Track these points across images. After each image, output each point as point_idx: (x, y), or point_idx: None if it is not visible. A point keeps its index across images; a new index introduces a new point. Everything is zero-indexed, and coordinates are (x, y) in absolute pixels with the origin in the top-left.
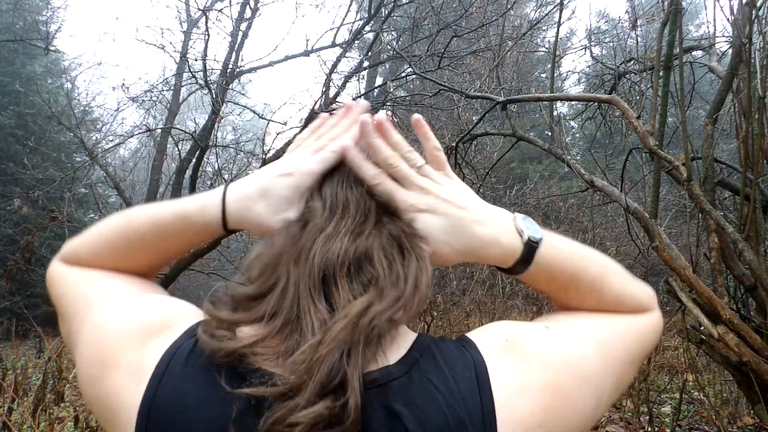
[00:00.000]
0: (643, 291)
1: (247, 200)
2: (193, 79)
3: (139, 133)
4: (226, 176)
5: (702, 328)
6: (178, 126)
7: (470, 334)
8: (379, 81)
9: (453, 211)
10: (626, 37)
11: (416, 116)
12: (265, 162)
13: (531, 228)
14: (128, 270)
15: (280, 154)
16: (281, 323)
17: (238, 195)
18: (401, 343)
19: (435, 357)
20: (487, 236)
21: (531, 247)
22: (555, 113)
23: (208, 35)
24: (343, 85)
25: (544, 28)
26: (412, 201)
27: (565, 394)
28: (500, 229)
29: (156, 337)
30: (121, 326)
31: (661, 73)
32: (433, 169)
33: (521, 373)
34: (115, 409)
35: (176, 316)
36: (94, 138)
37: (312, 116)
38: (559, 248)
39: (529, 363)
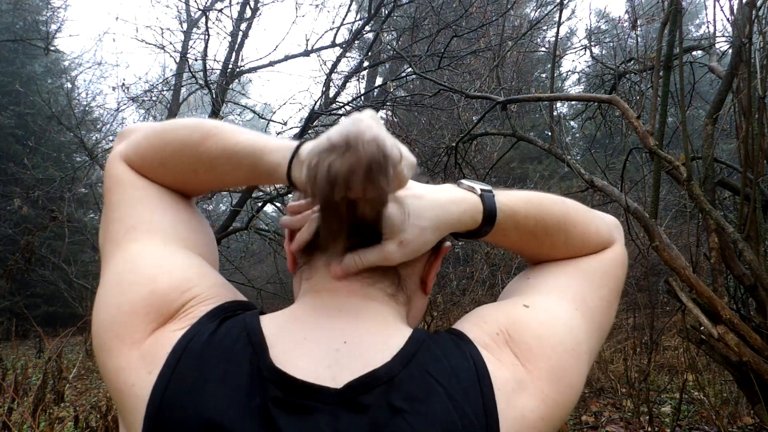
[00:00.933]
0: (605, 226)
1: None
2: (193, 79)
3: None
4: None
5: (702, 328)
6: None
7: (461, 327)
8: (379, 81)
9: (403, 193)
10: (626, 37)
11: None
12: None
13: (478, 183)
14: (186, 189)
15: None
16: None
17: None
18: (397, 339)
19: (432, 350)
20: (446, 199)
21: (488, 196)
22: (555, 113)
23: (208, 35)
24: (343, 85)
25: (544, 28)
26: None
27: (562, 377)
28: (454, 190)
29: (172, 319)
30: (139, 298)
31: (661, 73)
32: None
33: (517, 369)
34: (122, 391)
35: (199, 296)
36: (94, 138)
37: (312, 116)
38: (514, 194)
39: (523, 356)
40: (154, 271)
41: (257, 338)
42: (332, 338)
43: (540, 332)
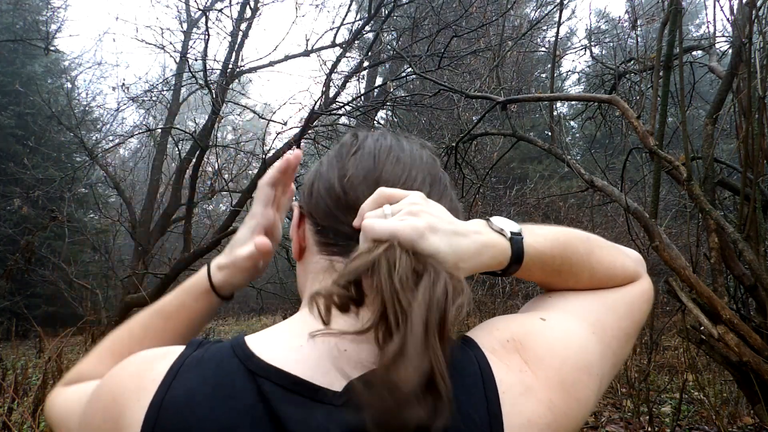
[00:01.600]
0: (630, 261)
1: (223, 254)
2: (193, 79)
3: (139, 133)
4: (226, 176)
5: (702, 328)
6: (178, 126)
7: (470, 333)
8: (379, 81)
9: (452, 228)
10: (626, 37)
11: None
12: (265, 162)
13: (507, 224)
14: None
15: (280, 154)
16: None
17: (219, 257)
18: None
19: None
20: (481, 244)
21: (516, 240)
22: (555, 113)
23: (208, 35)
24: (343, 85)
25: (544, 28)
26: (418, 224)
27: (571, 390)
28: (487, 234)
29: (154, 363)
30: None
31: (661, 73)
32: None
33: (525, 374)
34: (112, 430)
35: (171, 348)
36: (94, 138)
37: (312, 116)
38: (542, 234)
39: (533, 363)
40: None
41: (241, 348)
42: (330, 346)
43: (552, 344)
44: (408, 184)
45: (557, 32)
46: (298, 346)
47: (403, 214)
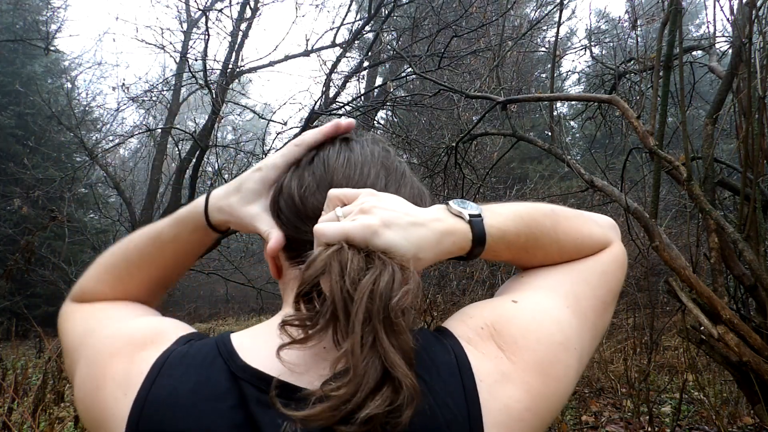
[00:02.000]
0: (598, 228)
1: (226, 193)
2: (193, 79)
3: (139, 133)
4: (226, 176)
5: (702, 328)
6: (178, 126)
7: (445, 324)
8: (379, 81)
9: (408, 220)
10: (626, 37)
11: None
12: None
13: (466, 206)
14: (129, 295)
15: None
16: None
17: (219, 190)
18: None
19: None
20: (440, 231)
21: (476, 223)
22: (555, 113)
23: (208, 35)
24: (343, 85)
25: (544, 28)
26: (371, 222)
27: (548, 369)
28: (445, 220)
29: (144, 349)
30: (110, 344)
31: (661, 73)
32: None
33: (501, 360)
34: (102, 419)
35: (165, 330)
36: (94, 138)
37: (312, 116)
38: (504, 213)
39: (508, 348)
40: (119, 331)
41: (226, 348)
42: (311, 344)
43: (526, 325)
44: (362, 182)
45: (557, 32)
46: (279, 345)
47: (355, 214)
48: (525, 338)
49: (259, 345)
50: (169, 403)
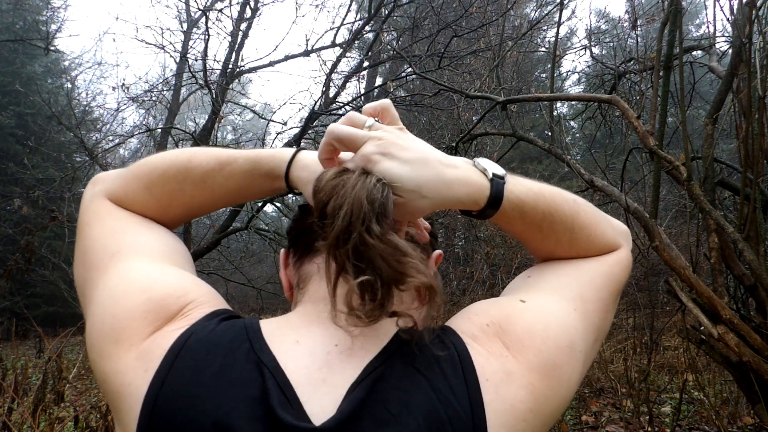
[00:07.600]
0: (612, 231)
1: (309, 161)
2: (193, 79)
3: (139, 133)
4: None
5: (702, 328)
6: (178, 126)
7: (449, 322)
8: (379, 81)
9: (414, 156)
10: (626, 37)
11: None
12: None
13: (492, 166)
14: (166, 214)
15: None
16: None
17: (307, 154)
18: (381, 336)
19: (417, 343)
20: (454, 177)
21: (497, 183)
22: (555, 113)
23: (208, 35)
24: (343, 85)
25: (544, 28)
26: (370, 150)
27: (553, 372)
28: (465, 169)
29: (170, 322)
30: (136, 305)
31: (661, 73)
32: (385, 124)
33: (506, 359)
34: (119, 392)
35: (195, 301)
36: (94, 138)
37: (312, 116)
38: (527, 185)
39: (513, 347)
40: (148, 281)
41: (256, 335)
42: (324, 342)
43: (532, 326)
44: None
45: (557, 32)
46: (294, 342)
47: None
48: (531, 339)
49: (277, 341)
50: (192, 383)
